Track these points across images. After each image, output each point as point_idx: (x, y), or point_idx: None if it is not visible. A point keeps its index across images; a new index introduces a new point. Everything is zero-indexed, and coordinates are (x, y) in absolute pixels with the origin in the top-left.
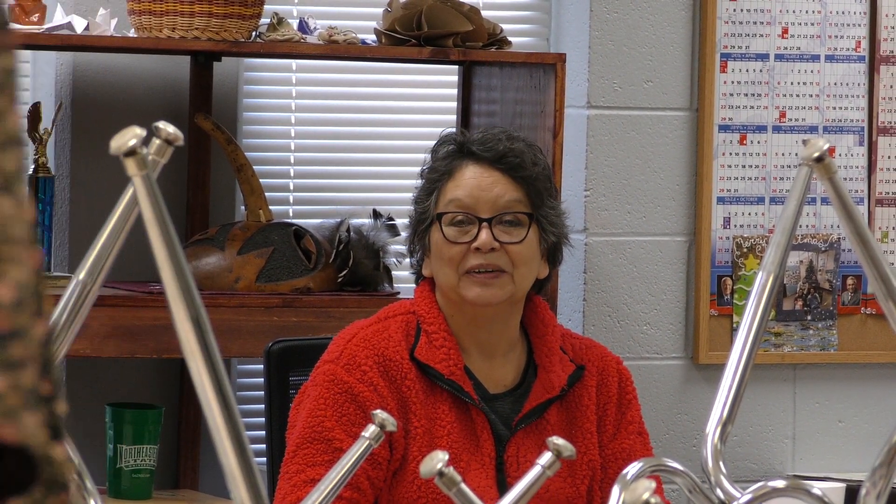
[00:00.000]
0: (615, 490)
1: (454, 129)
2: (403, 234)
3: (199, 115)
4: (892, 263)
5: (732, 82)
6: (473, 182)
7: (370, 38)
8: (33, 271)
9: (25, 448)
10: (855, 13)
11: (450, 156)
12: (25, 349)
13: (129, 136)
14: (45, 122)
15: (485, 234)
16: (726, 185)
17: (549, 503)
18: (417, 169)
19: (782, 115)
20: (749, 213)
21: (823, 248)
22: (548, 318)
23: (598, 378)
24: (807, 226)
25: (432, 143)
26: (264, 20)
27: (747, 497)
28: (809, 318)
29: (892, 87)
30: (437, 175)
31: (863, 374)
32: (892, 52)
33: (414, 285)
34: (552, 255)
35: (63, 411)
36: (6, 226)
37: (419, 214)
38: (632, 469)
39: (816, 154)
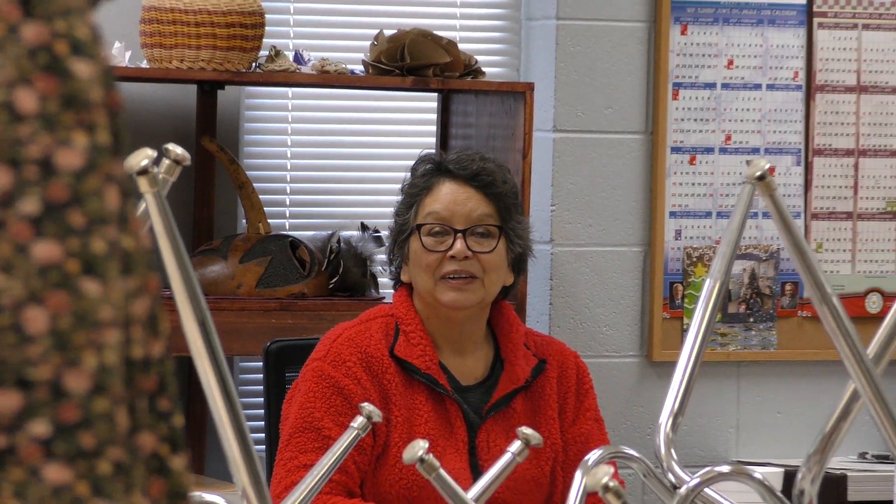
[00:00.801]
0: (577, 474)
1: (433, 150)
2: None
3: (204, 138)
4: (826, 271)
5: (683, 108)
6: (450, 197)
7: (358, 68)
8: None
9: None
10: (793, 46)
11: (428, 173)
12: (108, 430)
13: (142, 157)
14: None
15: (459, 244)
16: (677, 200)
17: (517, 482)
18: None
19: (728, 137)
20: (698, 227)
21: (764, 258)
22: (512, 318)
23: (559, 370)
24: (750, 238)
25: (413, 162)
26: (263, 52)
27: (695, 481)
28: (752, 320)
29: (826, 112)
30: (416, 190)
31: (799, 371)
32: (826, 81)
33: (392, 290)
34: (517, 264)
35: (181, 425)
36: (88, 311)
37: (399, 226)
38: (592, 456)
39: (758, 173)
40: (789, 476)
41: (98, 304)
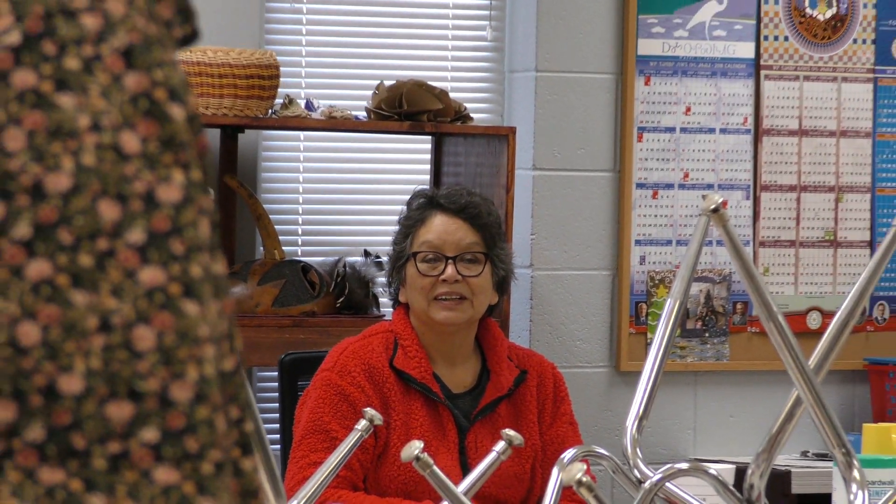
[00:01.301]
0: (554, 471)
1: (427, 187)
2: None
3: (226, 176)
4: (772, 292)
5: (647, 150)
6: (441, 228)
7: (361, 114)
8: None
9: None
10: (743, 95)
11: (422, 207)
12: (209, 434)
13: None
14: None
15: (450, 269)
16: (642, 230)
17: (502, 478)
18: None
19: (686, 175)
20: (660, 253)
21: (718, 280)
22: (497, 333)
23: (538, 379)
24: (705, 263)
25: (409, 197)
26: (278, 100)
27: (658, 476)
28: (707, 335)
29: (771, 153)
30: (411, 222)
31: (749, 380)
32: (772, 126)
33: (392, 309)
34: (501, 286)
35: (250, 430)
36: (189, 329)
37: (397, 253)
38: (567, 454)
39: (713, 206)
40: (740, 472)
41: (197, 322)
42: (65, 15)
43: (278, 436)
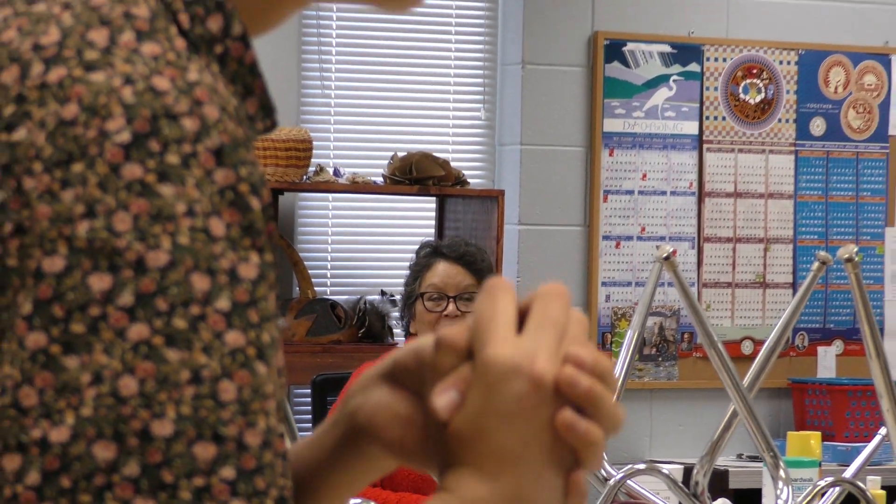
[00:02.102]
0: None
1: (432, 239)
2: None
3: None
4: (713, 324)
5: (611, 208)
6: (444, 272)
7: (379, 179)
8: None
9: None
10: (689, 164)
11: (428, 255)
12: (272, 474)
13: None
14: None
15: (452, 306)
16: (607, 274)
17: None
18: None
19: (643, 229)
20: (621, 293)
21: (669, 315)
22: None
23: None
24: (658, 301)
25: (417, 247)
26: (311, 168)
27: (620, 475)
28: (660, 359)
29: (712, 211)
30: (419, 267)
31: (694, 395)
32: (712, 189)
33: (403, 338)
34: None
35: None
36: (261, 386)
37: (408, 294)
38: None
39: (665, 255)
40: (688, 471)
41: (266, 381)
42: (168, 118)
43: None
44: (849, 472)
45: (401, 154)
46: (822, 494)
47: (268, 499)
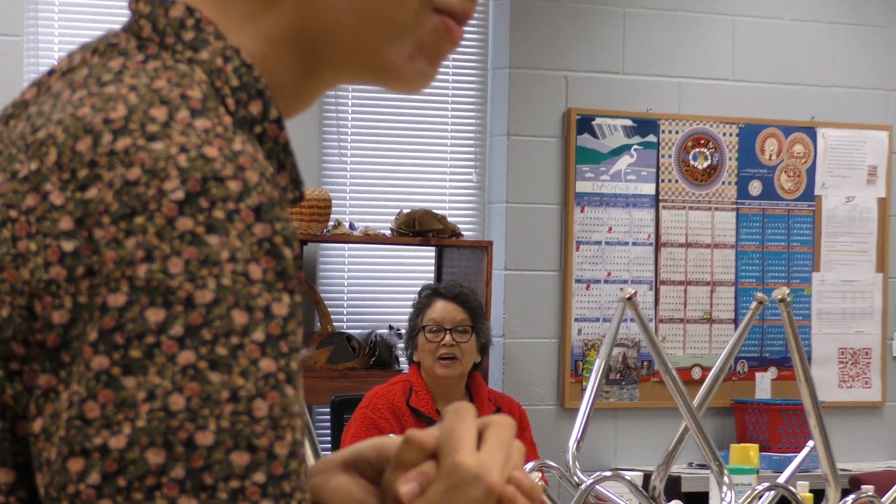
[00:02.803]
0: None
1: (432, 282)
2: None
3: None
4: (668, 353)
5: (582, 256)
6: (442, 309)
7: (388, 232)
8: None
9: None
10: (647, 220)
11: (428, 295)
12: (297, 480)
13: None
14: None
15: (448, 337)
16: (579, 311)
17: None
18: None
19: (609, 274)
20: (591, 328)
21: (631, 346)
22: (480, 383)
23: (508, 414)
24: (622, 334)
25: (419, 289)
26: (331, 223)
27: (590, 481)
28: (623, 382)
29: (667, 259)
30: (421, 305)
31: (652, 413)
32: (667, 240)
33: (408, 365)
34: (483, 349)
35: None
36: (289, 405)
37: (411, 328)
38: (528, 466)
39: (627, 295)
40: (647, 477)
41: (293, 402)
42: (216, 180)
43: (329, 452)
44: (782, 478)
45: (405, 210)
46: (760, 497)
47: (293, 500)
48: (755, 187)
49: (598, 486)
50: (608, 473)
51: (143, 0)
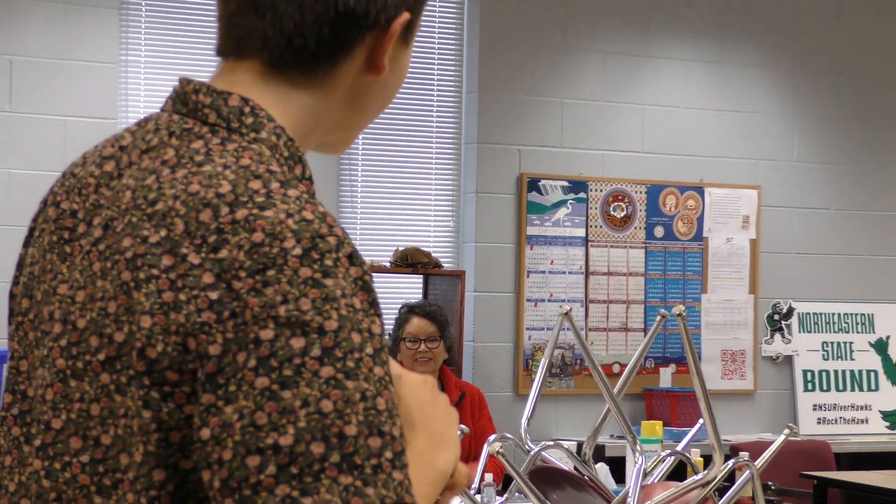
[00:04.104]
0: (484, 447)
1: (413, 301)
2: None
3: None
4: (595, 353)
5: (532, 283)
6: (417, 324)
7: (387, 263)
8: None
9: None
10: (579, 256)
11: (405, 313)
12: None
13: None
14: None
15: (423, 346)
16: (529, 323)
17: None
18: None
19: (551, 295)
20: (538, 335)
21: (567, 349)
22: (449, 374)
23: (470, 398)
24: (561, 340)
25: (400, 307)
26: None
27: (538, 448)
28: (562, 375)
29: (594, 284)
30: (400, 321)
31: (583, 398)
32: (594, 270)
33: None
34: (449, 350)
35: None
36: (393, 398)
37: (394, 338)
38: (491, 438)
39: (565, 311)
40: (580, 445)
41: (394, 396)
42: (320, 237)
43: None
44: (680, 447)
45: (401, 248)
46: (663, 461)
47: (407, 468)
48: (659, 231)
49: (543, 453)
50: (551, 443)
51: (203, 93)
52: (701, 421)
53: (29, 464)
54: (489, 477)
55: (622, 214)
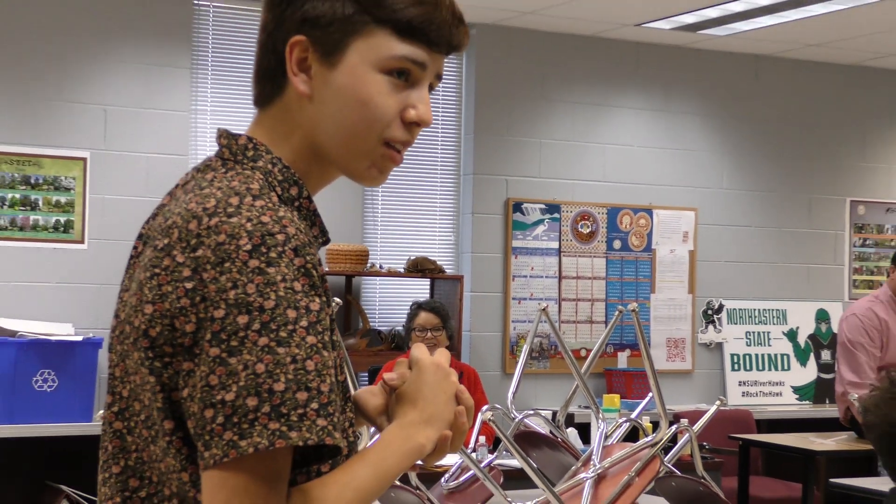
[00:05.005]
0: (478, 417)
1: (418, 299)
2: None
3: (348, 296)
4: (567, 341)
5: (516, 285)
6: (424, 317)
7: (402, 269)
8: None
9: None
10: (553, 264)
11: (415, 309)
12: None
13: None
14: None
15: (430, 335)
16: (514, 317)
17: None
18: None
19: (531, 294)
20: (522, 326)
21: (545, 337)
22: (451, 359)
23: (467, 376)
24: (540, 330)
25: (411, 304)
26: (368, 265)
27: (521, 416)
28: (540, 358)
29: (566, 286)
30: (412, 315)
31: (557, 376)
32: (566, 274)
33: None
34: (450, 337)
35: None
36: (326, 361)
37: (407, 328)
38: (484, 408)
39: (543, 308)
40: (554, 414)
41: (328, 360)
42: (269, 235)
43: None
44: (634, 415)
45: (412, 257)
46: (620, 426)
47: (333, 417)
48: (617, 244)
49: (525, 420)
50: (531, 412)
51: (223, 137)
52: (650, 394)
53: (112, 428)
54: (483, 439)
55: (588, 231)
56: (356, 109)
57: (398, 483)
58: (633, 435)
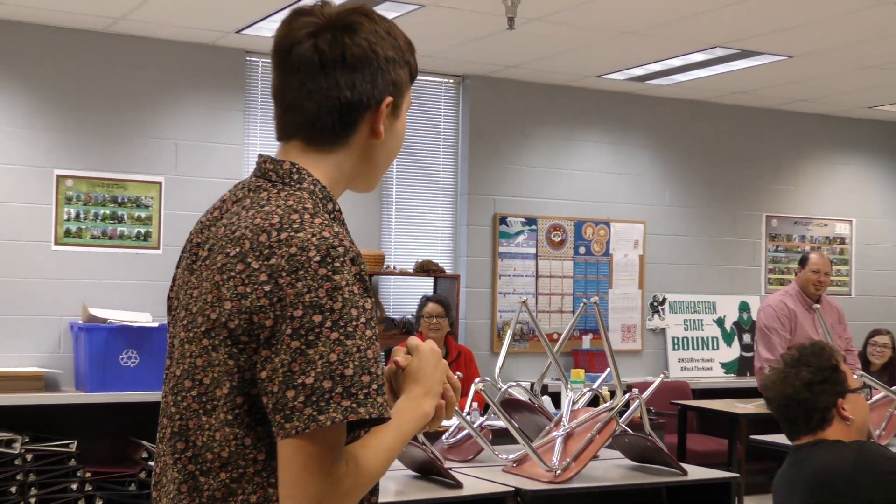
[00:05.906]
0: (472, 388)
1: (427, 294)
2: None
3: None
4: (544, 329)
5: (502, 282)
6: (431, 307)
7: (411, 269)
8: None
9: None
10: (531, 265)
11: (424, 301)
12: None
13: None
14: None
15: (435, 321)
16: (500, 308)
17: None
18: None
19: (514, 290)
20: (506, 315)
21: (524, 324)
22: (451, 340)
23: (464, 355)
24: (521, 319)
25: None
26: (384, 266)
27: (506, 386)
28: (521, 340)
29: (542, 283)
30: (421, 305)
31: (535, 355)
32: (542, 274)
33: (417, 333)
34: (451, 325)
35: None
36: (378, 351)
37: (417, 316)
38: (476, 380)
39: (523, 300)
40: (532, 385)
41: (379, 350)
42: (332, 248)
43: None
44: (595, 386)
45: (419, 260)
46: (584, 395)
47: (386, 396)
48: (582, 250)
49: (509, 389)
50: (514, 383)
51: (268, 162)
52: (608, 369)
53: (164, 401)
54: (475, 405)
55: (559, 239)
56: (400, 145)
57: (410, 441)
58: (594, 401)
